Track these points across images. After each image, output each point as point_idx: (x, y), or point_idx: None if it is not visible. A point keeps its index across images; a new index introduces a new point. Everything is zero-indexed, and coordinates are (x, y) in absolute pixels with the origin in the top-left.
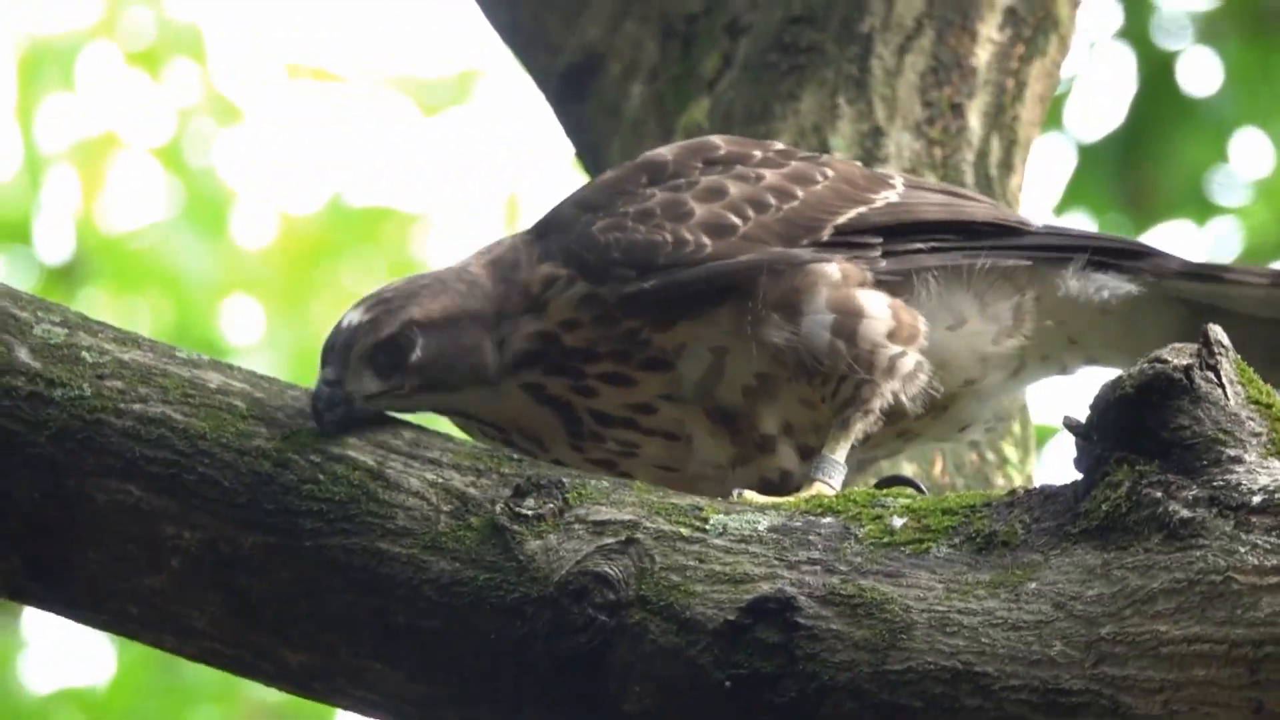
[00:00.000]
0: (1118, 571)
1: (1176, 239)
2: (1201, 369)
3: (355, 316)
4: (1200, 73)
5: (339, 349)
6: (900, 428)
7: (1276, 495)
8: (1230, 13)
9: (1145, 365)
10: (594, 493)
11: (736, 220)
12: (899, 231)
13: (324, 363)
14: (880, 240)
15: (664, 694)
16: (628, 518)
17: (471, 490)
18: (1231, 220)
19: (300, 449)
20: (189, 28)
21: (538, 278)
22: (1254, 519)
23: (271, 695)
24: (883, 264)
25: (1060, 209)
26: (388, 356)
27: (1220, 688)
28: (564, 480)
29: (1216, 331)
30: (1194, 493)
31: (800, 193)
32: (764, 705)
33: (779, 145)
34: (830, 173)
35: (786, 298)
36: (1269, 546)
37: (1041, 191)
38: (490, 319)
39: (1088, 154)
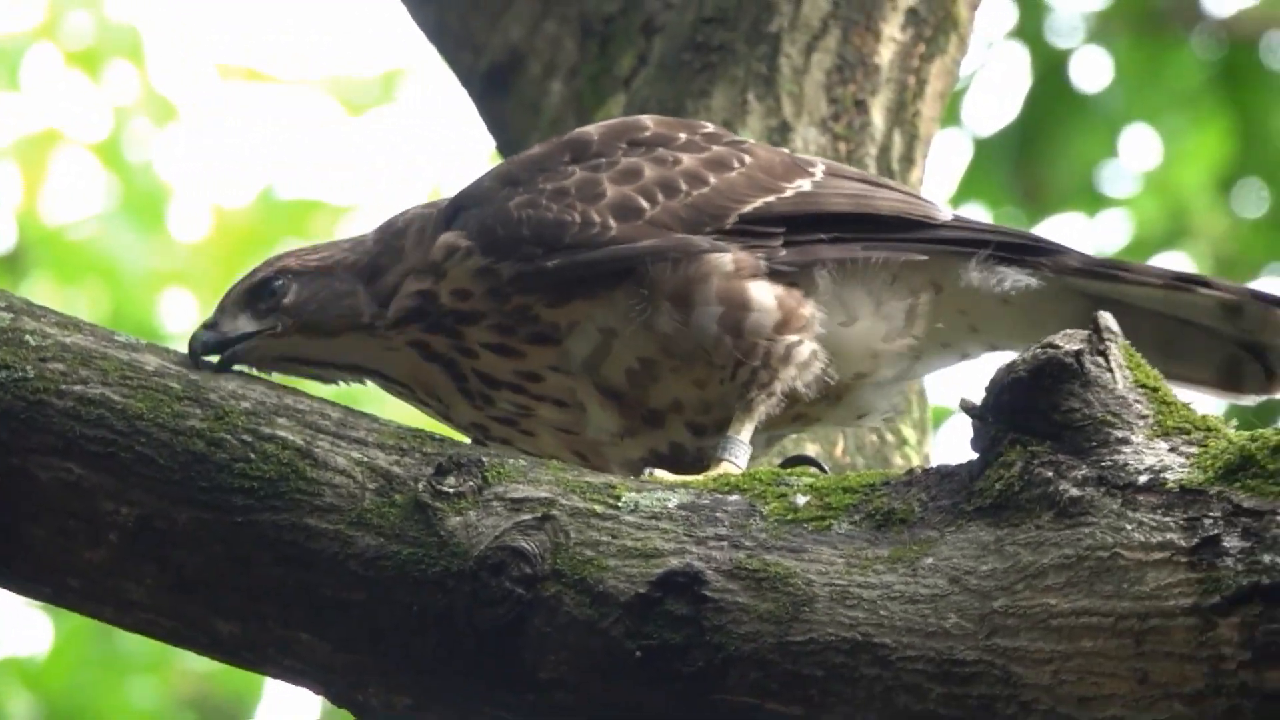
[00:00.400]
0: (1010, 547)
1: (1068, 231)
2: (1091, 354)
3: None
4: (1091, 70)
5: (222, 298)
6: (797, 411)
7: (1161, 475)
8: (1120, 13)
9: (1038, 350)
10: (512, 471)
11: (645, 204)
12: (803, 222)
13: None
14: (783, 230)
15: (578, 663)
16: (544, 495)
17: (395, 469)
18: (1120, 212)
19: (232, 429)
20: (127, 30)
21: (440, 245)
22: (1140, 497)
23: (201, 665)
24: (782, 254)
25: (956, 201)
26: (262, 299)
27: (1107, 658)
28: (483, 459)
29: (1106, 319)
30: (1083, 472)
31: (713, 179)
32: (673, 674)
33: (708, 128)
34: (749, 160)
35: (680, 287)
36: (1154, 524)
37: (940, 184)
38: (365, 271)
39: (983, 148)
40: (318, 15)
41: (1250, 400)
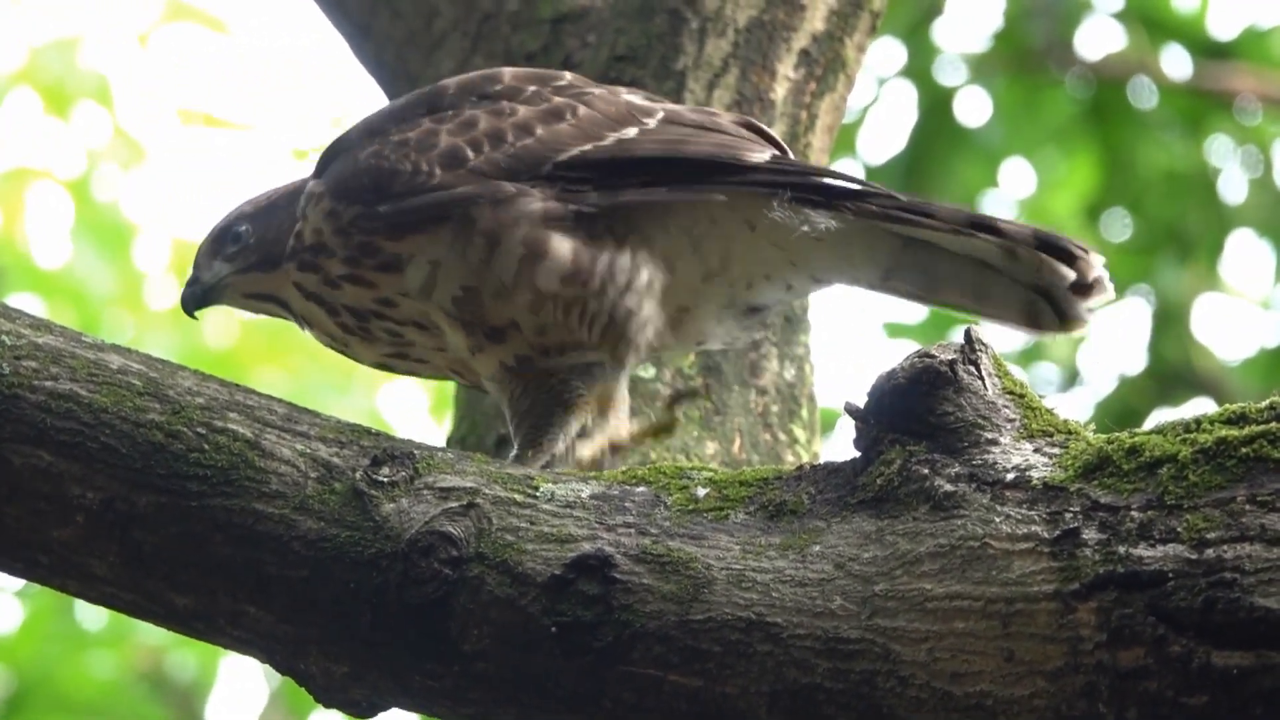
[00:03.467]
0: (890, 537)
1: None
2: (964, 363)
3: None
4: (973, 106)
5: (196, 252)
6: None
7: (1027, 473)
8: (999, 54)
9: (915, 359)
10: (440, 463)
11: (470, 154)
12: (614, 169)
13: None
14: (595, 177)
15: (499, 637)
16: (469, 485)
17: (335, 459)
18: None
19: (188, 422)
20: (98, 76)
21: (305, 192)
22: (1008, 493)
23: (157, 640)
24: (592, 198)
25: None
26: (227, 243)
27: (977, 638)
28: (414, 452)
29: (977, 330)
30: (956, 470)
31: (540, 130)
32: (584, 648)
33: (565, 79)
34: (582, 111)
35: (492, 228)
36: (1020, 517)
37: None
38: (293, 199)
39: (874, 175)
40: (269, 63)
41: (1052, 337)
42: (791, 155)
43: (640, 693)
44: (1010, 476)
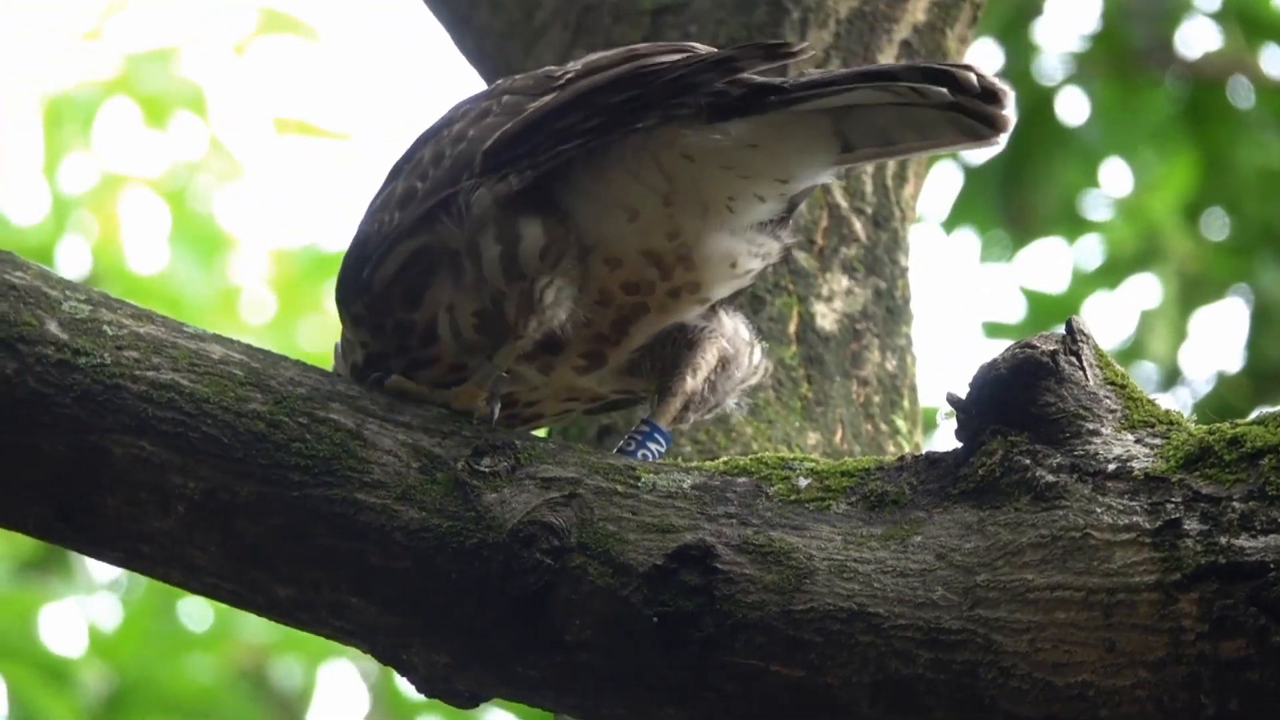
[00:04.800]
0: (991, 527)
1: (1051, 254)
2: (1065, 354)
3: None
4: (1073, 106)
5: None
6: (674, 285)
7: (1128, 464)
8: (1097, 54)
9: (1017, 349)
10: (542, 453)
11: (419, 184)
12: (537, 134)
13: None
14: (525, 150)
15: (600, 627)
16: (571, 475)
17: (437, 450)
18: (1095, 236)
19: (290, 412)
20: (194, 86)
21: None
22: (1109, 484)
23: (258, 638)
24: (528, 172)
25: (949, 225)
26: None
27: (1078, 629)
28: (516, 442)
29: (1079, 321)
30: (1058, 461)
31: (471, 133)
32: (686, 638)
33: (495, 85)
34: (506, 99)
35: (470, 244)
36: (1121, 507)
37: (935, 209)
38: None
39: (974, 176)
40: (368, 71)
41: (994, 144)
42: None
43: (742, 683)
44: (1112, 467)
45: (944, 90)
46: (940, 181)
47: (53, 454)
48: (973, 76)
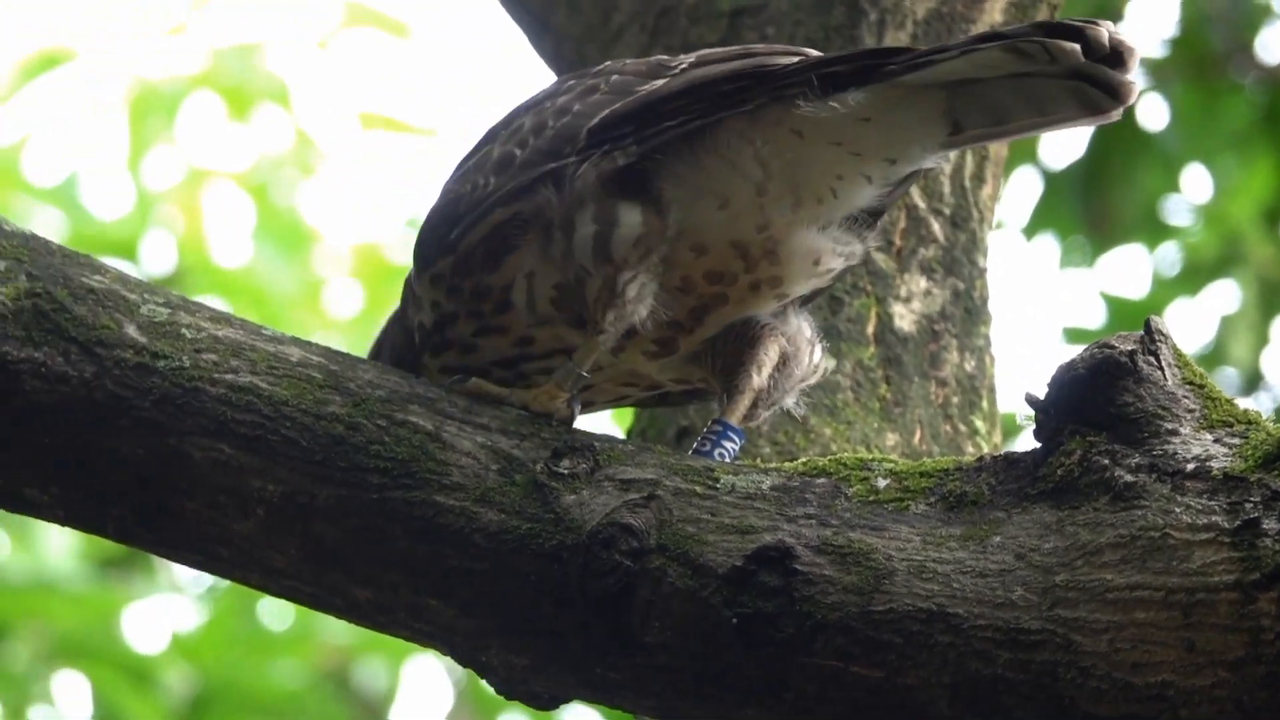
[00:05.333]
0: (1070, 527)
1: (1132, 260)
2: (1144, 353)
3: None
4: (1154, 111)
5: None
6: (756, 277)
7: (1207, 463)
8: (1177, 60)
9: (1095, 349)
10: (621, 455)
11: (518, 152)
12: (646, 116)
13: None
14: (632, 129)
15: (680, 629)
16: (650, 477)
17: (516, 451)
18: (1176, 243)
19: (369, 414)
20: (278, 80)
21: (410, 287)
22: (1188, 484)
23: (341, 639)
24: (633, 149)
25: (1029, 231)
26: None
27: (1158, 628)
28: (595, 444)
29: (1157, 321)
30: (1136, 460)
31: (577, 107)
32: (765, 639)
33: (602, 65)
34: (615, 79)
35: (565, 215)
36: (1200, 507)
37: (1016, 215)
38: (399, 312)
39: (1054, 182)
40: (452, 66)
41: (1114, 116)
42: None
43: (822, 684)
44: (1190, 467)
45: (1077, 48)
46: (1021, 188)
47: (131, 457)
48: (1104, 34)
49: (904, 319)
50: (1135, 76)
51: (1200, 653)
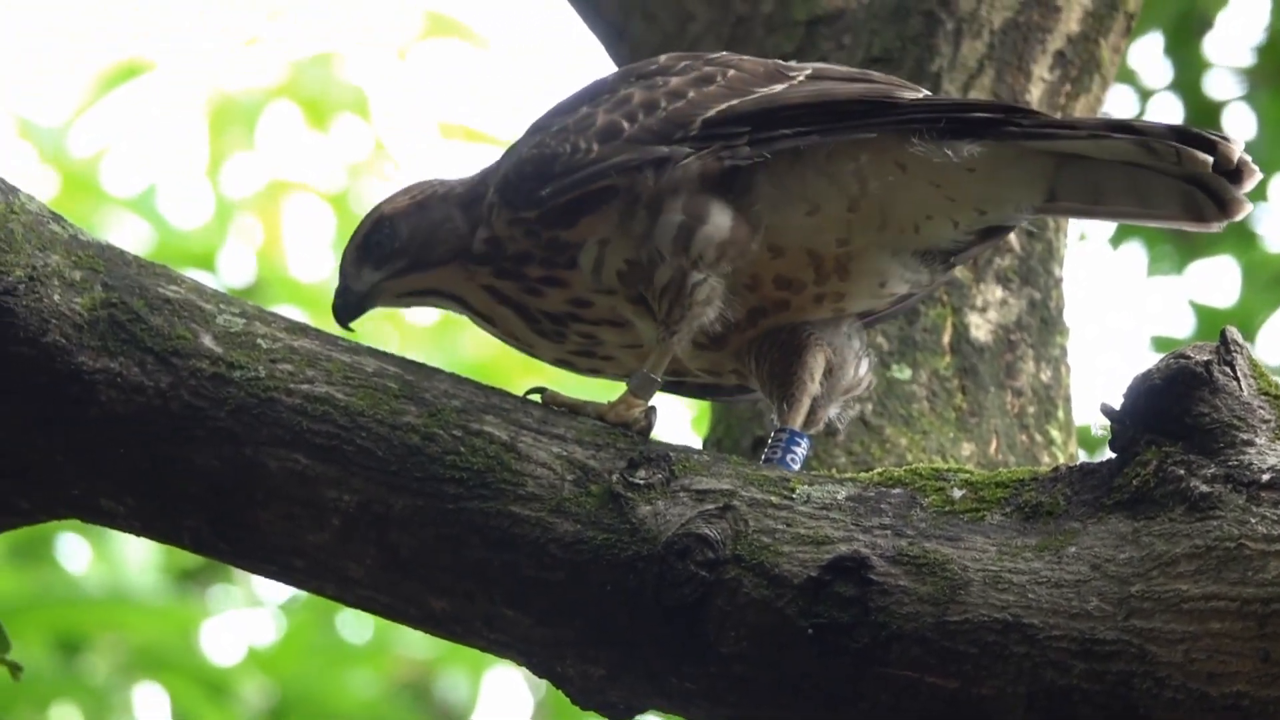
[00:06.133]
0: (1146, 538)
1: (1221, 270)
2: (1219, 364)
3: None
4: (1243, 120)
5: (340, 261)
6: (822, 290)
7: None
8: (1264, 68)
9: (1170, 360)
10: (696, 465)
11: (625, 124)
12: (765, 119)
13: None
14: (748, 129)
15: (755, 638)
16: (725, 487)
17: (592, 462)
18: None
19: (444, 424)
20: (357, 90)
21: (485, 200)
22: (1263, 494)
23: (418, 651)
24: (745, 150)
25: (1115, 241)
26: (374, 248)
27: (1233, 639)
28: (670, 455)
29: (1232, 331)
30: (1212, 471)
31: (691, 94)
32: (841, 649)
33: (717, 55)
34: (732, 73)
35: (654, 199)
36: (1275, 518)
37: (1099, 226)
38: (465, 199)
39: None
40: (529, 75)
41: (1215, 229)
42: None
43: (897, 694)
44: (1266, 477)
45: (1210, 160)
46: None
47: (207, 467)
48: (1234, 151)
49: (980, 329)
50: (1246, 197)
51: (1275, 663)
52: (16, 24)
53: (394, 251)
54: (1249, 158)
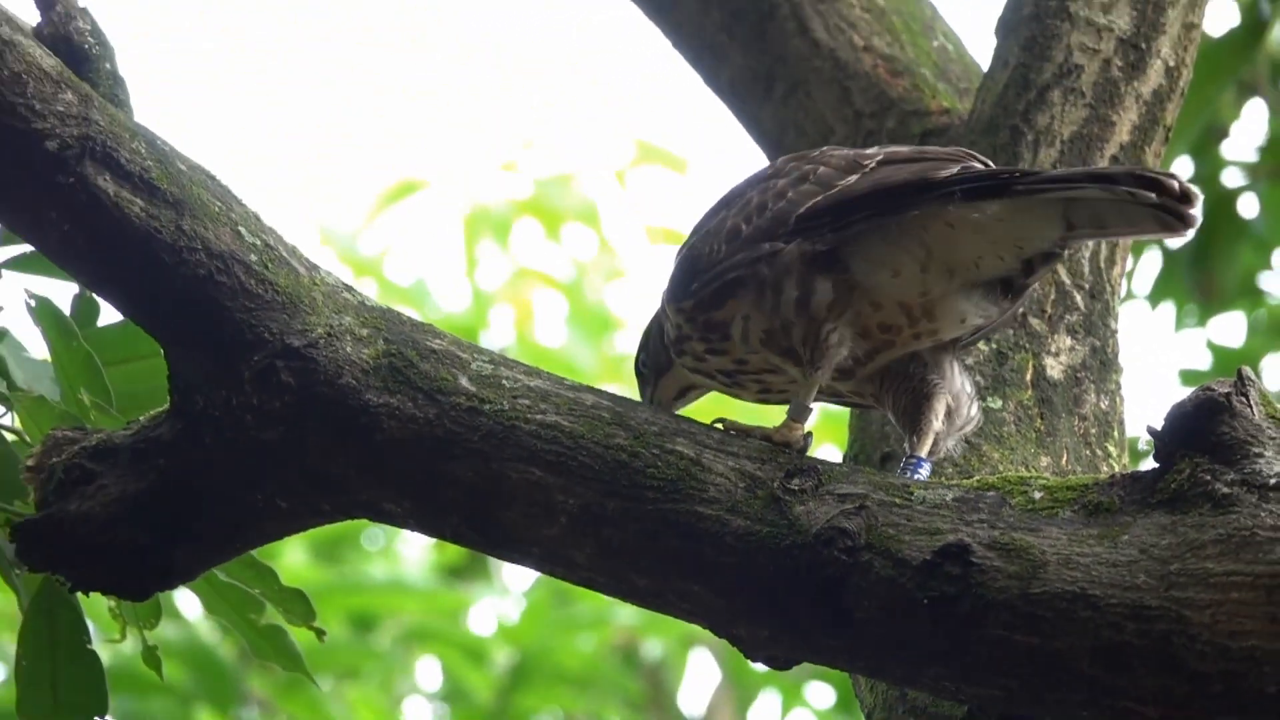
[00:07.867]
0: (1181, 529)
1: (1233, 324)
2: (1237, 395)
3: None
4: (1249, 203)
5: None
6: (917, 330)
7: None
8: (1265, 164)
9: (1200, 392)
10: (839, 474)
11: (744, 226)
12: (841, 210)
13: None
14: (829, 219)
15: (884, 607)
16: (861, 491)
17: (758, 473)
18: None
19: (646, 444)
20: (587, 203)
21: (662, 304)
22: (1271, 494)
23: (630, 621)
24: (828, 237)
25: (1153, 300)
26: (639, 377)
27: (1248, 605)
28: (819, 466)
29: (1247, 370)
30: (1232, 477)
31: (790, 194)
32: (949, 615)
33: (816, 152)
34: (820, 170)
35: (776, 281)
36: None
37: (1141, 284)
38: (659, 313)
39: (1171, 258)
40: (720, 186)
41: (1184, 235)
42: (988, 165)
43: (990, 648)
44: (1273, 481)
45: (1151, 194)
46: (1147, 265)
47: (464, 478)
48: (1175, 184)
49: (1054, 369)
50: (1198, 210)
51: None
52: (317, 145)
53: (646, 375)
54: (1186, 183)
